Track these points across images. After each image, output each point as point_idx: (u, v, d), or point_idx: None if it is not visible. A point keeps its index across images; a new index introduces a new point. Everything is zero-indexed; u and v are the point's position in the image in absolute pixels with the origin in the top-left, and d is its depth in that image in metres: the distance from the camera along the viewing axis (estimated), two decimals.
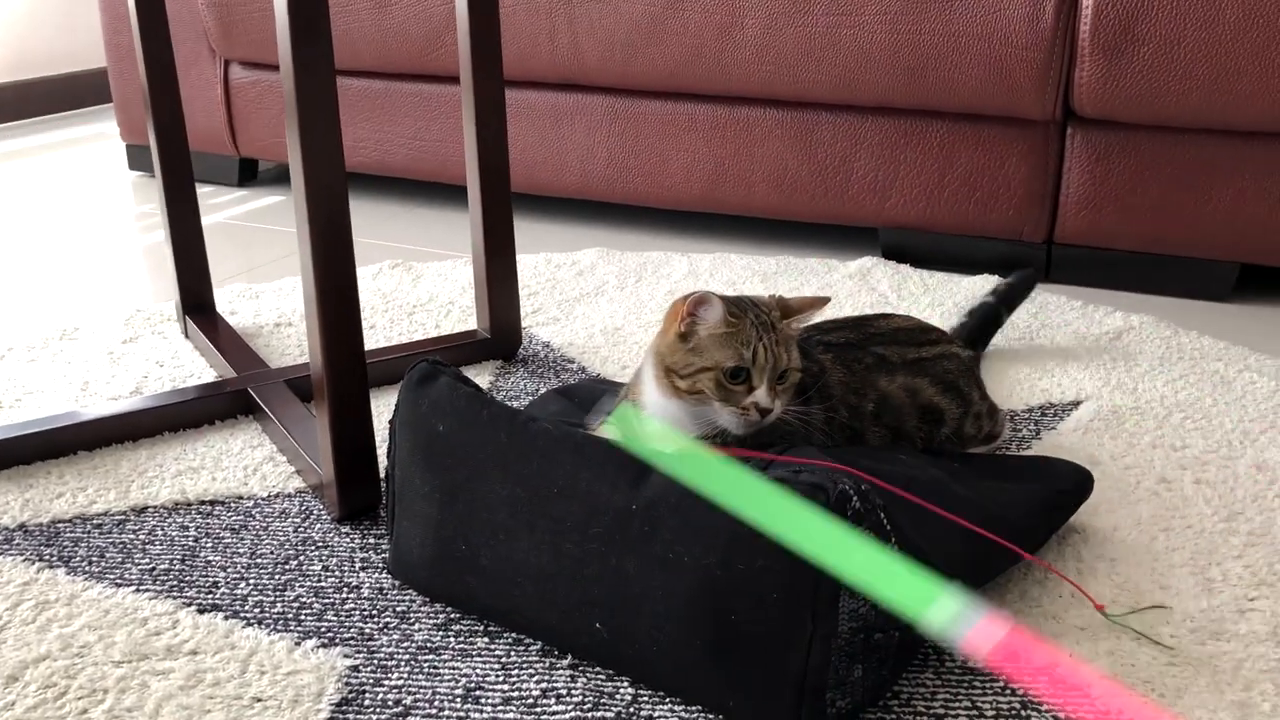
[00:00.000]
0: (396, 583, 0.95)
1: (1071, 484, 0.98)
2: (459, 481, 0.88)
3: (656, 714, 0.80)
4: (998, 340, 1.43)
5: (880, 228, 1.76)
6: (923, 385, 1.06)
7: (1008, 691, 0.81)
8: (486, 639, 0.88)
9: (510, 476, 0.85)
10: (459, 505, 0.88)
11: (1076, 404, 1.26)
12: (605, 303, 1.59)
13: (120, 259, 1.87)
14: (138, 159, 2.39)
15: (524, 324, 1.50)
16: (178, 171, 1.42)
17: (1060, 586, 0.93)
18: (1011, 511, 0.92)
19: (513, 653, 0.86)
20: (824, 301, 0.98)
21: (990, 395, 1.14)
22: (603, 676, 0.84)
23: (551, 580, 0.84)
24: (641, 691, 0.82)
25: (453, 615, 0.91)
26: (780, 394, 0.94)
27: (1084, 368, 1.35)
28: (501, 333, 1.40)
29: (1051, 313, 1.53)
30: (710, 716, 0.80)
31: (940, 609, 0.58)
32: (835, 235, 1.88)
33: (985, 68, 1.56)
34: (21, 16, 2.95)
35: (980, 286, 1.61)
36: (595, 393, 1.15)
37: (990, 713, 0.79)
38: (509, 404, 0.95)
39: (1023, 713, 0.79)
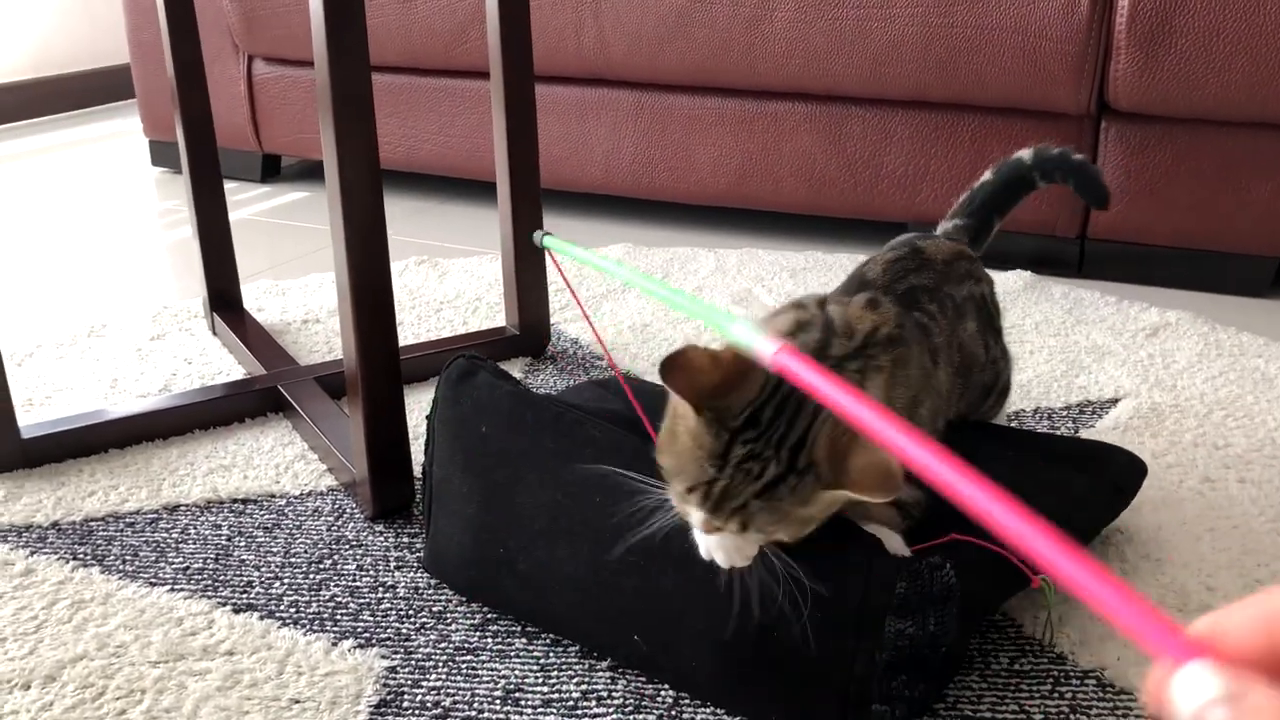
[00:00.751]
0: (433, 582, 0.94)
1: (1127, 477, 0.96)
2: (499, 483, 0.87)
3: (698, 718, 0.79)
4: (1031, 337, 1.41)
5: (910, 222, 1.75)
6: (973, 332, 0.94)
7: (1056, 694, 0.80)
8: (524, 640, 0.87)
9: (552, 482, 0.84)
10: (498, 507, 0.87)
11: (1115, 401, 1.24)
12: (633, 299, 1.57)
13: (145, 255, 1.87)
14: (161, 155, 2.39)
15: (552, 320, 1.49)
16: (205, 168, 1.41)
17: None
18: (1067, 513, 0.90)
19: (551, 654, 0.85)
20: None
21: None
22: (643, 679, 0.83)
23: (589, 590, 0.83)
24: (683, 695, 0.81)
25: (489, 615, 0.90)
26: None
27: (1121, 364, 1.33)
28: (530, 329, 1.39)
29: (1086, 309, 1.51)
30: None
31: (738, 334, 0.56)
32: (865, 230, 1.86)
33: (1019, 61, 1.54)
34: (45, 14, 2.96)
35: (1013, 282, 1.59)
36: (631, 388, 1.13)
37: (1038, 716, 0.78)
38: (551, 396, 0.93)
39: (1072, 716, 0.78)
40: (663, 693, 0.81)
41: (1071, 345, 1.39)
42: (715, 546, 0.73)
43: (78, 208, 2.15)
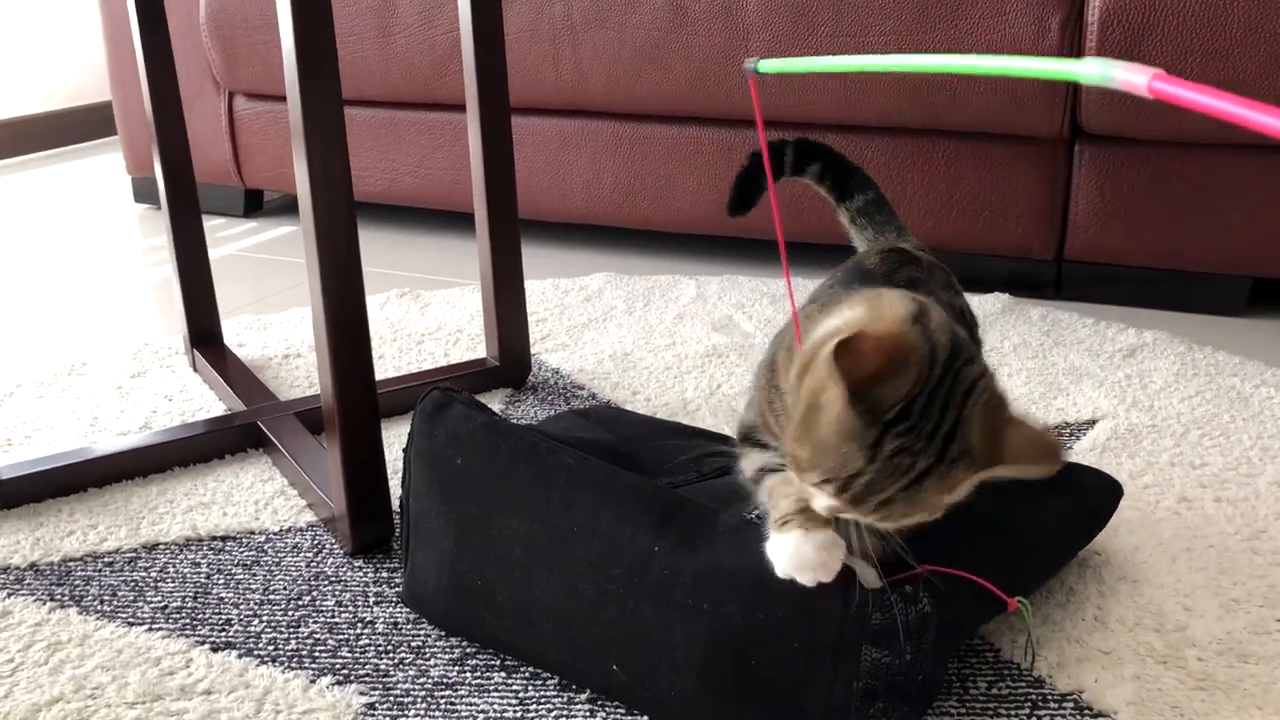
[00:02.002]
0: (412, 617, 0.94)
1: (1102, 499, 0.96)
2: (476, 515, 0.87)
3: None
4: (1010, 359, 1.42)
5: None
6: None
7: (1034, 718, 0.80)
8: (503, 674, 0.87)
9: (529, 512, 0.84)
10: (475, 539, 0.87)
11: (1092, 422, 1.25)
12: (614, 328, 1.58)
13: (127, 292, 1.87)
14: (143, 192, 2.39)
15: (533, 350, 1.49)
16: (184, 204, 1.42)
17: (1082, 609, 0.91)
18: (1045, 537, 0.90)
19: (530, 688, 0.85)
20: None
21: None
22: (622, 709, 0.83)
23: (568, 620, 0.83)
24: None
25: (468, 649, 0.90)
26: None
27: (1098, 385, 1.34)
28: (511, 360, 1.39)
29: (1063, 330, 1.52)
30: None
31: None
32: (843, 255, 1.87)
33: (992, 86, 1.56)
34: (25, 51, 2.96)
35: (991, 305, 1.60)
36: (611, 416, 1.13)
37: None
38: (528, 426, 0.93)
39: None
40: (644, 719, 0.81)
41: (1049, 367, 1.40)
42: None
43: (61, 245, 2.15)
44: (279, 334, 1.60)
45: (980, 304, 1.61)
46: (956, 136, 1.65)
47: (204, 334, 1.47)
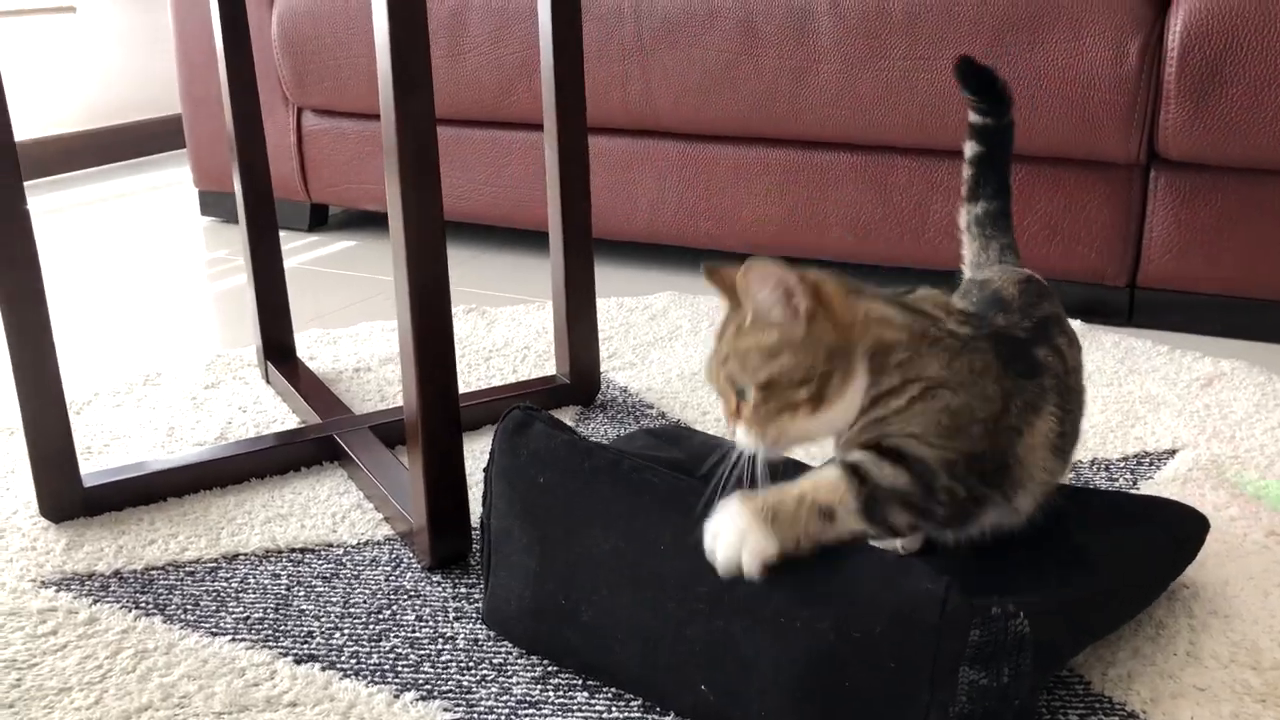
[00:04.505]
0: (492, 634, 0.94)
1: (1189, 530, 0.95)
2: (560, 534, 0.87)
3: None
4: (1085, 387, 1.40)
5: (958, 271, 1.74)
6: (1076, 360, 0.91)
7: None
8: (586, 693, 0.86)
9: (613, 530, 0.84)
10: (559, 558, 0.87)
11: (1172, 452, 1.23)
12: (680, 347, 1.58)
13: (195, 304, 1.90)
14: (210, 205, 2.43)
15: (601, 369, 1.49)
16: (261, 219, 1.43)
17: (1174, 644, 0.90)
18: (1132, 569, 0.89)
19: (614, 708, 0.85)
20: (767, 274, 0.78)
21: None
22: None
23: (654, 639, 0.82)
24: None
25: (550, 668, 0.90)
26: (763, 417, 0.77)
27: (1177, 415, 1.32)
28: (581, 378, 1.40)
29: (1138, 358, 1.50)
30: None
31: None
32: (911, 279, 1.86)
33: (1067, 111, 1.55)
34: (96, 67, 3.02)
35: None
36: (683, 435, 1.12)
37: None
38: (606, 445, 0.93)
39: None
40: None
41: (1125, 395, 1.38)
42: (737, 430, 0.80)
43: (129, 257, 2.19)
44: (348, 348, 1.61)
45: None
46: (1029, 161, 1.64)
47: (277, 347, 1.49)
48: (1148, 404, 1.36)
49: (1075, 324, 1.59)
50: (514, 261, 2.07)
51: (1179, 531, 0.95)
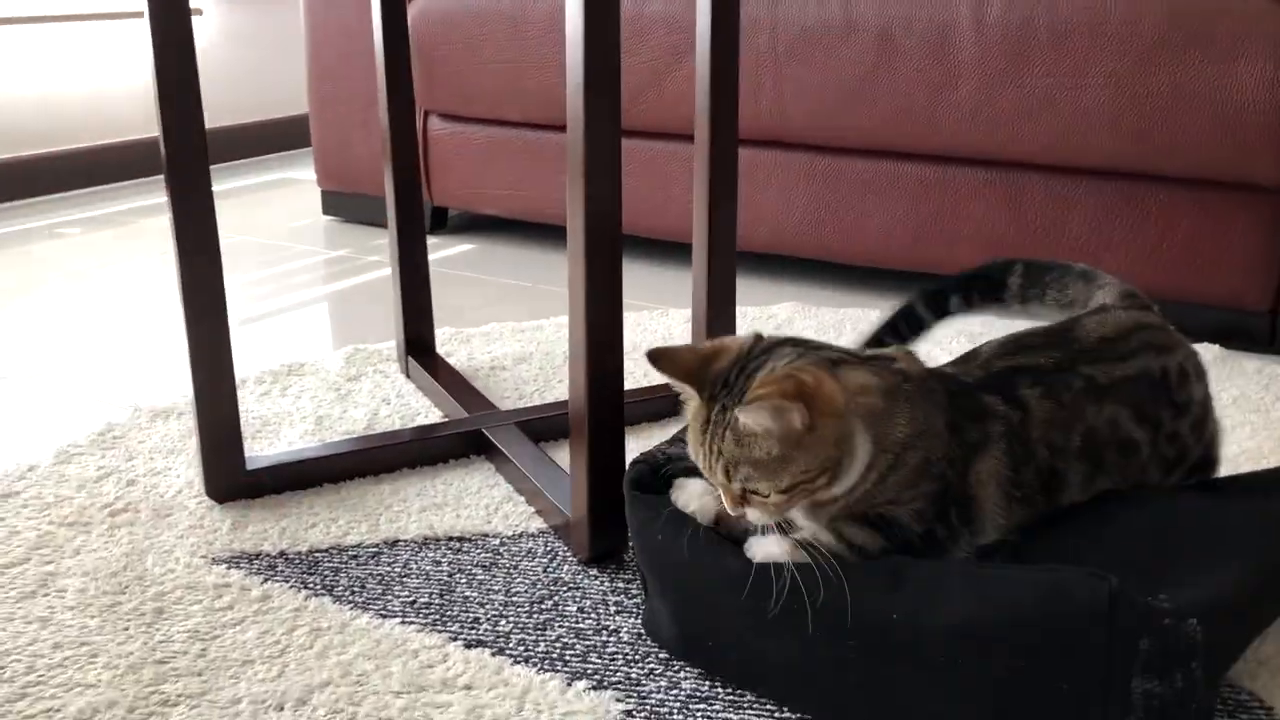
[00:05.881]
0: None
1: None
2: (692, 589, 0.87)
3: None
4: (1230, 411, 1.38)
5: None
6: (1122, 415, 0.90)
7: None
8: (756, 693, 0.87)
9: (744, 594, 0.82)
10: (696, 607, 0.88)
11: None
12: None
13: (322, 301, 1.94)
14: (331, 205, 2.49)
15: None
16: (410, 218, 1.47)
17: None
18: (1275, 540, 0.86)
19: (785, 709, 0.85)
20: (808, 411, 0.77)
21: (1208, 404, 0.97)
22: None
23: (811, 681, 0.83)
24: None
25: None
26: (763, 504, 0.80)
27: None
28: None
29: None
30: None
31: None
32: None
33: (1215, 131, 1.53)
34: (231, 66, 3.11)
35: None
36: None
37: None
38: None
39: None
40: None
41: (1275, 422, 1.36)
42: (725, 502, 0.82)
43: (253, 254, 2.25)
44: (481, 347, 1.64)
45: None
46: (1171, 182, 1.62)
47: (417, 343, 1.52)
48: None
49: (1214, 349, 1.57)
50: (631, 269, 2.09)
51: None
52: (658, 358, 0.83)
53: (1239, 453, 1.27)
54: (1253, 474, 0.99)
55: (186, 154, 1.07)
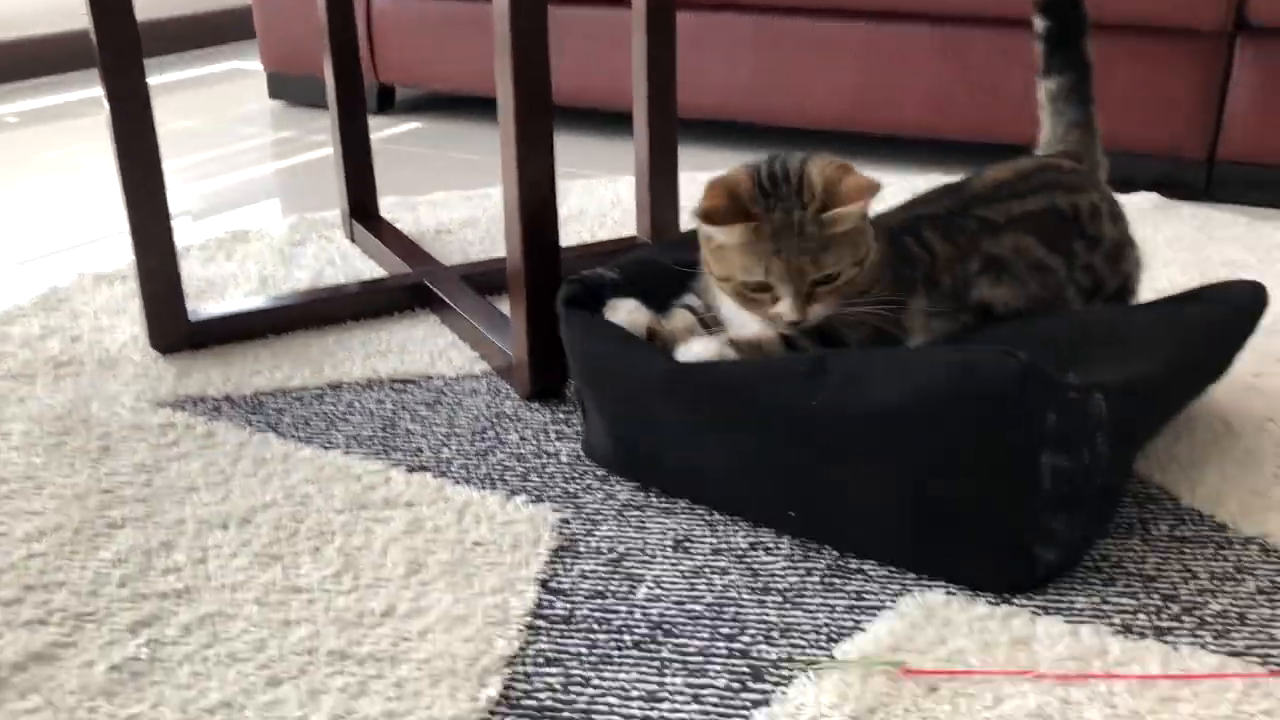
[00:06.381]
0: None
1: (1246, 299, 0.95)
2: (625, 396, 0.89)
3: (866, 566, 0.81)
4: (1163, 251, 1.41)
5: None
6: (1029, 242, 0.96)
7: (1220, 557, 0.81)
8: (688, 500, 0.90)
9: (674, 396, 0.85)
10: (631, 417, 0.90)
11: None
12: None
13: (269, 178, 1.93)
14: (278, 88, 2.45)
15: (682, 229, 1.51)
16: (349, 86, 1.46)
17: (1261, 467, 0.92)
18: (1196, 342, 0.90)
19: (715, 513, 0.88)
20: (874, 189, 0.86)
21: (1124, 243, 1.02)
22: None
23: (740, 477, 0.85)
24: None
25: None
26: (823, 298, 0.86)
27: (1257, 275, 1.32)
28: (662, 236, 1.42)
29: (1216, 227, 1.50)
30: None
31: None
32: (988, 154, 1.85)
33: None
34: None
35: (1139, 203, 1.58)
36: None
37: (1204, 575, 0.79)
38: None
39: (1237, 575, 0.79)
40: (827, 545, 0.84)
41: (1204, 260, 1.39)
42: (788, 309, 0.86)
43: (199, 137, 2.22)
44: (428, 213, 1.64)
45: (1127, 203, 1.58)
46: (1111, 30, 1.62)
47: (361, 208, 1.52)
48: (1228, 267, 1.36)
49: (1152, 197, 1.60)
50: (578, 140, 2.08)
51: (1236, 301, 0.95)
52: (712, 215, 0.87)
53: (1169, 286, 1.30)
54: (1168, 296, 1.02)
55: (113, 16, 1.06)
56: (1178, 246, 1.43)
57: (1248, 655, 0.71)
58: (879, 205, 0.91)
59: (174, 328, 1.17)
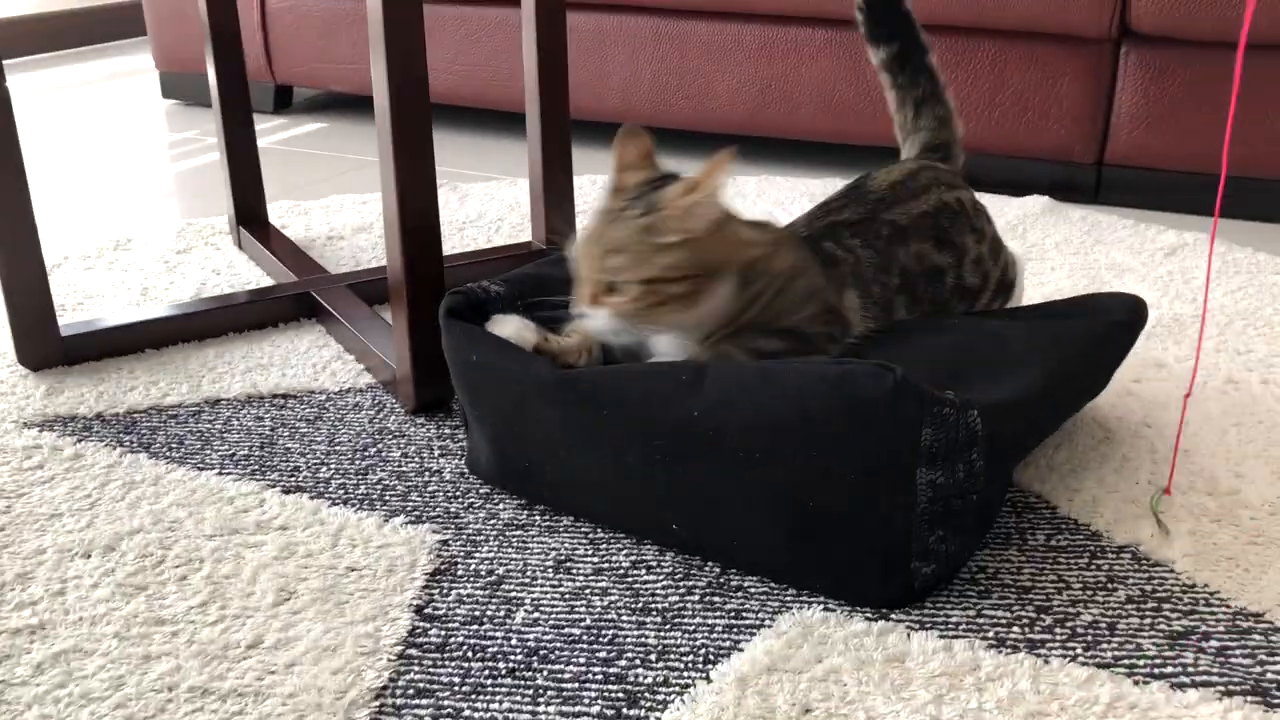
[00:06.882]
0: None
1: (1125, 314, 0.96)
2: (508, 407, 0.88)
3: (746, 583, 0.81)
4: (1051, 255, 1.43)
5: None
6: (926, 248, 0.96)
7: (1093, 566, 0.82)
8: (571, 518, 0.89)
9: (557, 404, 0.84)
10: (514, 427, 0.88)
11: None
12: None
13: (161, 182, 1.87)
14: (172, 88, 2.38)
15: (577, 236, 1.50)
16: (233, 87, 1.42)
17: (1136, 475, 0.93)
18: (1077, 356, 0.91)
19: (599, 530, 0.87)
20: (701, 214, 0.85)
21: (998, 236, 1.04)
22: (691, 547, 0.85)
23: (622, 490, 0.84)
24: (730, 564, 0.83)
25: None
26: (614, 305, 0.84)
27: (1140, 279, 1.35)
28: (557, 242, 1.40)
29: (1104, 230, 1.52)
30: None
31: None
32: (885, 157, 1.87)
33: None
34: None
35: (1030, 207, 1.60)
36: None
37: (1077, 585, 0.80)
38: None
39: (1109, 585, 0.80)
40: (710, 562, 0.83)
41: (1091, 263, 1.41)
42: (584, 307, 0.86)
43: (90, 139, 2.15)
44: (320, 218, 1.61)
45: (1019, 205, 1.61)
46: (1002, 35, 1.65)
47: (249, 214, 1.48)
48: (1113, 270, 1.39)
49: (1043, 200, 1.62)
50: (482, 141, 2.06)
51: (1117, 315, 0.96)
52: (630, 134, 0.92)
53: (1055, 291, 1.32)
54: (1049, 302, 1.03)
55: None
56: (1066, 250, 1.45)
57: (1115, 667, 0.72)
58: (784, 215, 0.92)
59: (44, 343, 1.13)
